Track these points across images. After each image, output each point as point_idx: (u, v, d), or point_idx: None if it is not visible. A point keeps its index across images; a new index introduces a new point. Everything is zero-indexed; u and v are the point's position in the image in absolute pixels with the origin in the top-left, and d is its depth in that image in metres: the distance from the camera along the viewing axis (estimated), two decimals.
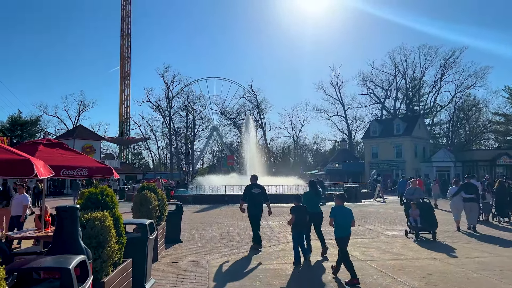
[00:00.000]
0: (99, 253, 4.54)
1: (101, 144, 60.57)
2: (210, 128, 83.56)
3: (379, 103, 75.03)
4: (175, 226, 11.56)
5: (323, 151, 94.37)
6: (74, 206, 4.38)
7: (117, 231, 5.03)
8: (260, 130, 78.48)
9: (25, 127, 66.32)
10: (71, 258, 3.73)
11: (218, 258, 9.37)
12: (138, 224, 7.02)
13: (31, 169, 4.96)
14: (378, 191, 31.22)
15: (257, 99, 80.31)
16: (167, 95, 77.67)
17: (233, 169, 63.40)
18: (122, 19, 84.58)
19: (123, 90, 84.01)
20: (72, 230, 4.20)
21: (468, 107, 69.82)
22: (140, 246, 6.39)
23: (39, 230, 8.16)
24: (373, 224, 15.40)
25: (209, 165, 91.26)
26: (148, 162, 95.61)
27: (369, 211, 21.33)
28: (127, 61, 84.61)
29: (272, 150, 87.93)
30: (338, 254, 7.43)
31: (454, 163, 50.21)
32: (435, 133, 74.60)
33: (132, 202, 9.70)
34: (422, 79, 72.74)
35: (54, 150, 8.19)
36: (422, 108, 73.57)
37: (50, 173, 5.58)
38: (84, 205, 5.08)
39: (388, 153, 55.62)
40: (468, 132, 72.18)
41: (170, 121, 77.64)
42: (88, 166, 8.01)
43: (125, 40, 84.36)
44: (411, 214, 12.22)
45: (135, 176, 58.56)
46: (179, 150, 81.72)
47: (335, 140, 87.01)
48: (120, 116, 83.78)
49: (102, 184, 27.22)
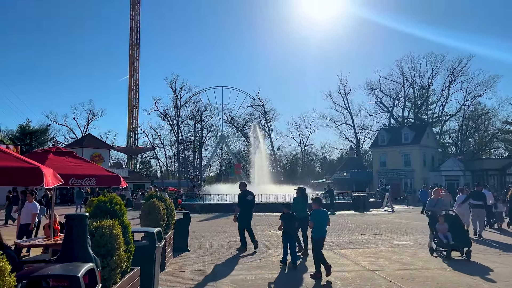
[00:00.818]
0: (108, 261, 4.55)
1: (109, 152, 60.94)
2: (218, 136, 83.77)
3: (387, 111, 74.77)
4: (183, 234, 11.56)
5: (331, 160, 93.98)
6: (83, 214, 4.40)
7: (125, 239, 5.05)
8: (268, 138, 78.52)
9: (34, 136, 66.95)
10: (80, 266, 3.74)
11: (225, 267, 9.34)
12: (146, 232, 7.03)
13: (40, 178, 4.99)
14: (386, 200, 30.99)
15: (265, 108, 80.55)
16: (175, 104, 78.18)
17: (241, 178, 63.39)
18: (131, 29, 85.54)
19: (131, 99, 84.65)
20: (81, 238, 4.22)
21: (477, 115, 69.26)
22: (148, 254, 6.39)
23: (48, 238, 8.20)
24: (382, 233, 15.26)
25: (216, 173, 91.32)
26: (156, 170, 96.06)
27: (377, 220, 21.15)
28: (135, 71, 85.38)
29: (280, 158, 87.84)
30: (313, 258, 8.19)
31: (464, 172, 49.71)
32: (443, 142, 74.02)
33: (140, 211, 9.73)
34: (430, 87, 72.49)
35: (63, 158, 8.26)
36: (431, 117, 73.13)
37: (58, 182, 5.60)
38: (93, 213, 5.11)
39: (397, 162, 55.26)
40: (477, 141, 71.54)
41: (178, 130, 78.00)
42: (97, 175, 8.06)
43: (134, 50, 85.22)
44: (439, 230, 10.75)
45: (143, 185, 58.74)
46: (186, 158, 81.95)
47: (343, 149, 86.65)
48: (128, 125, 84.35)
49: (117, 193, 27.43)
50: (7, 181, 5.02)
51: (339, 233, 15.35)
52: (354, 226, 18.15)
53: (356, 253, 11.03)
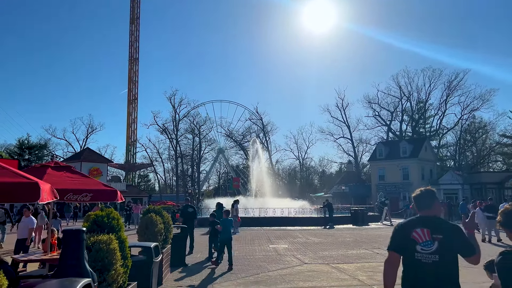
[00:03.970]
0: (104, 276, 4.56)
1: (107, 166, 60.85)
2: (216, 150, 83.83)
3: (385, 125, 75.04)
4: (180, 249, 11.52)
5: (329, 173, 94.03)
6: (80, 229, 4.43)
7: (122, 254, 5.06)
8: (266, 152, 78.56)
9: (33, 150, 66.89)
10: (76, 281, 3.75)
11: (223, 282, 9.29)
12: (143, 247, 7.03)
13: (37, 193, 4.98)
14: (385, 214, 30.92)
15: (263, 122, 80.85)
16: (174, 118, 78.37)
17: (239, 192, 63.23)
18: (130, 44, 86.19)
19: (130, 113, 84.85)
20: (78, 253, 4.23)
21: (474, 129, 69.49)
22: (145, 269, 6.39)
23: (45, 253, 8.17)
24: (380, 247, 15.20)
25: (215, 187, 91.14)
26: (154, 184, 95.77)
27: (376, 234, 21.08)
28: (134, 85, 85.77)
29: (278, 172, 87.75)
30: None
31: (462, 186, 49.69)
32: (441, 155, 74.14)
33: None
34: (428, 101, 72.88)
35: (61, 173, 8.28)
36: (428, 131, 73.37)
37: (53, 198, 5.58)
38: (90, 228, 5.12)
39: (395, 176, 55.26)
40: (475, 154, 71.65)
41: (177, 144, 78.05)
42: (94, 190, 8.07)
43: (133, 64, 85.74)
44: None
45: (141, 199, 58.51)
46: (185, 172, 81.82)
47: (341, 162, 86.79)
48: (127, 138, 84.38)
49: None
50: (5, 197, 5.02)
51: (337, 247, 15.29)
52: (352, 240, 18.09)
53: (355, 268, 10.99)
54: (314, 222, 27.75)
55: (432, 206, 3.49)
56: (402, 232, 3.46)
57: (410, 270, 3.41)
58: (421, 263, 3.30)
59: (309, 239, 18.24)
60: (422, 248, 3.30)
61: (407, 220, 3.59)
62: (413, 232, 3.36)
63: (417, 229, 3.36)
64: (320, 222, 27.58)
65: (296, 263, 11.83)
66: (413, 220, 3.50)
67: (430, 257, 3.26)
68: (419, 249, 3.31)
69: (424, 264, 3.28)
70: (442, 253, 3.23)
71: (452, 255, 3.26)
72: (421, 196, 3.55)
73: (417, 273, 3.34)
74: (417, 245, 3.32)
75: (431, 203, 3.50)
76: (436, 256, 3.24)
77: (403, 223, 3.57)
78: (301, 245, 16.07)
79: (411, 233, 3.37)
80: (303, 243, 16.89)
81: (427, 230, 3.31)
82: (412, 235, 3.36)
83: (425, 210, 3.49)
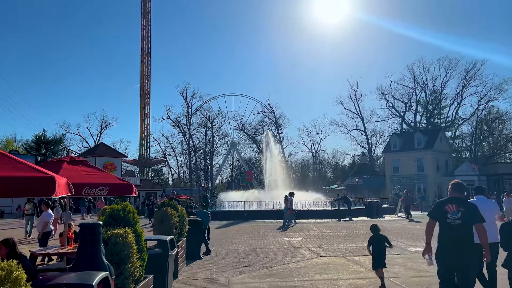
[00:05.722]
0: (121, 269, 4.57)
1: (121, 161, 61.47)
2: (229, 144, 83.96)
3: (398, 116, 74.21)
4: (195, 242, 11.57)
5: (343, 166, 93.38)
6: (97, 223, 4.44)
7: (138, 247, 5.07)
8: (279, 145, 78.43)
9: (49, 145, 67.88)
10: (94, 274, 3.76)
11: (238, 275, 9.30)
12: (158, 240, 7.06)
13: (53, 188, 4.98)
14: (400, 206, 30.64)
15: (275, 115, 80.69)
16: (186, 112, 78.75)
17: (252, 185, 63.31)
18: (142, 38, 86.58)
19: (143, 107, 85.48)
20: (95, 247, 4.25)
21: (491, 119, 68.25)
22: (161, 262, 6.41)
23: (63, 247, 8.27)
24: (396, 240, 15.05)
25: (227, 180, 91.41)
26: (168, 178, 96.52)
27: (391, 226, 20.91)
28: (147, 79, 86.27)
29: (291, 165, 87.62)
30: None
31: (478, 177, 48.94)
32: (457, 146, 73.07)
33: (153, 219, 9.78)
34: (443, 91, 71.73)
35: (77, 167, 8.33)
36: (443, 121, 72.35)
37: (68, 192, 5.55)
38: (107, 221, 5.14)
39: (409, 167, 54.70)
40: (491, 145, 70.41)
41: (190, 138, 78.47)
42: (110, 183, 8.11)
43: (145, 59, 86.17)
44: None
45: (156, 193, 59.05)
46: (198, 166, 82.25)
47: (355, 155, 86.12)
48: (140, 133, 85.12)
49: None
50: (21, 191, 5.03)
51: (352, 240, 15.21)
52: (367, 232, 17.87)
53: (370, 260, 10.87)
54: (328, 215, 27.65)
55: (463, 192, 5.60)
56: (439, 206, 5.42)
57: (443, 229, 5.30)
58: (450, 225, 5.22)
59: (323, 232, 18.17)
60: (451, 216, 5.23)
61: (442, 199, 5.63)
62: (446, 206, 5.32)
63: (448, 204, 5.32)
64: (335, 214, 27.46)
65: (311, 256, 11.79)
66: (447, 199, 5.52)
67: (456, 221, 5.19)
68: (449, 216, 5.24)
69: (452, 226, 5.21)
70: (463, 219, 5.16)
71: (469, 221, 5.18)
72: (458, 184, 5.65)
73: (447, 231, 5.25)
74: (448, 214, 5.25)
75: (463, 190, 5.62)
76: (460, 220, 5.17)
77: (441, 201, 5.59)
78: (315, 238, 16.02)
79: (444, 206, 5.33)
80: (318, 235, 16.84)
81: (454, 205, 5.27)
82: (445, 208, 5.31)
83: (457, 193, 5.53)
